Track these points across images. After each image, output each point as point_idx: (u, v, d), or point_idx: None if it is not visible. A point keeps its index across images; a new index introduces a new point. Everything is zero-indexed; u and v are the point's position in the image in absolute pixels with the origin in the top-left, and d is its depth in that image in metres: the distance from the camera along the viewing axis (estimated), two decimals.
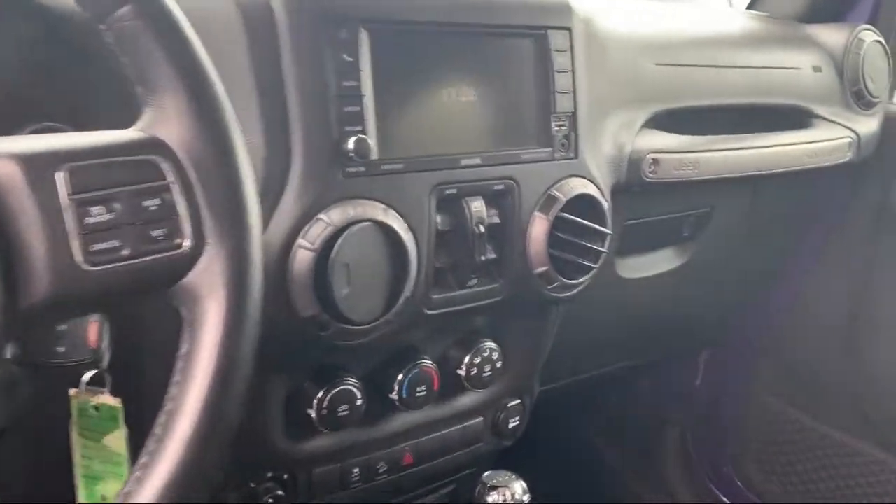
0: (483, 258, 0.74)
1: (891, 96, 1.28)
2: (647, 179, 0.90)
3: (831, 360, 1.36)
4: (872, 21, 1.26)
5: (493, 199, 0.75)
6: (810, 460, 1.42)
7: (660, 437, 1.63)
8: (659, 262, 1.12)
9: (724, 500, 1.55)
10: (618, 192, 0.90)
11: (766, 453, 1.49)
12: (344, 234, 0.62)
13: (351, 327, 0.65)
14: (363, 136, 0.64)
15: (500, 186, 0.75)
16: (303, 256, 0.62)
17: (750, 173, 1.01)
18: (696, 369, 1.59)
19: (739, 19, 1.21)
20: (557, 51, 0.77)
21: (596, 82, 0.84)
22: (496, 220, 0.75)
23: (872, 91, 1.19)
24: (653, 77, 0.95)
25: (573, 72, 0.78)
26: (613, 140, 0.87)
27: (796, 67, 1.14)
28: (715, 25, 1.11)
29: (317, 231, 0.62)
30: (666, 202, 1.06)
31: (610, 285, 1.07)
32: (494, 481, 0.99)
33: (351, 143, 0.64)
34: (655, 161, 0.90)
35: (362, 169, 0.65)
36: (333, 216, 0.63)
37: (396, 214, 0.67)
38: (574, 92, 0.79)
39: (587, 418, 1.63)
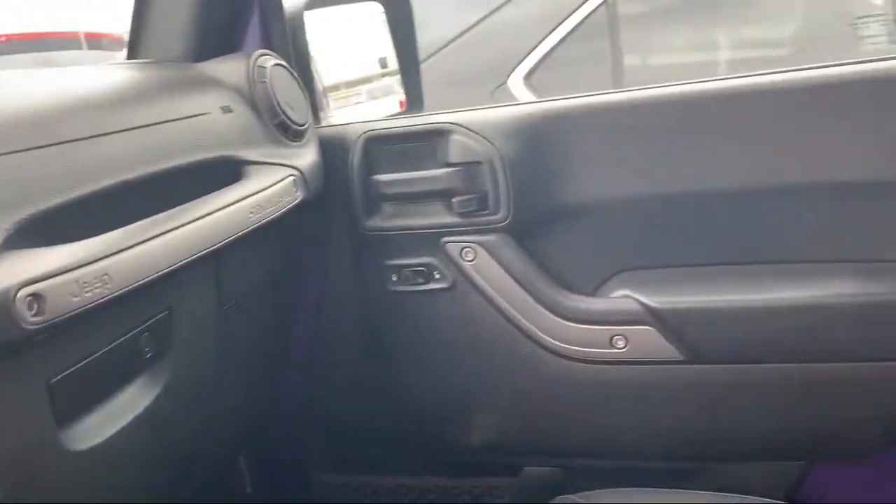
0: None
1: (316, 120, 1.18)
2: (33, 328, 0.58)
3: (371, 405, 1.23)
4: (268, 47, 1.14)
5: None
6: None
7: None
8: (129, 404, 0.82)
9: None
10: None
11: None
12: None
13: None
14: None
15: None
16: None
17: (189, 259, 0.77)
18: (241, 477, 1.34)
19: (114, 73, 0.96)
20: None
21: None
22: None
23: (295, 119, 1.06)
24: None
25: None
26: None
27: (203, 113, 0.93)
28: (78, 86, 0.84)
29: None
30: (102, 328, 0.76)
31: (62, 471, 0.73)
32: None
33: None
34: (37, 296, 0.59)
35: None
36: None
37: None
38: None
39: None
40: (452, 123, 1.09)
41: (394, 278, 1.14)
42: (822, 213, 1.00)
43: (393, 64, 1.49)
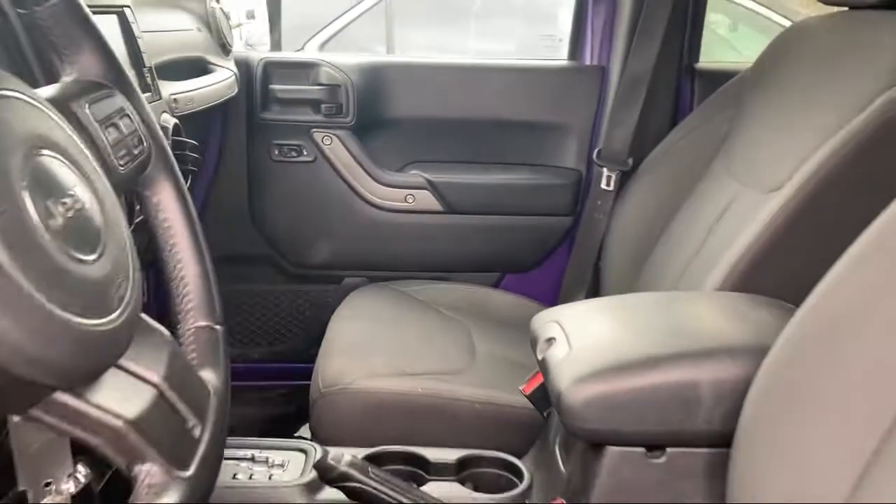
0: None
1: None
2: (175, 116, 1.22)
3: (246, 237, 1.89)
4: None
5: None
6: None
7: None
8: None
9: None
10: None
11: None
12: None
13: None
14: None
15: None
16: None
17: (216, 102, 1.42)
18: None
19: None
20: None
21: None
22: None
23: (229, 42, 1.70)
24: None
25: None
26: None
27: (188, 28, 1.55)
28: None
29: None
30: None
31: None
32: None
33: None
34: (175, 100, 1.23)
35: None
36: None
37: None
38: None
39: None
40: (323, 60, 1.81)
41: (276, 153, 1.82)
42: (509, 136, 1.89)
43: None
